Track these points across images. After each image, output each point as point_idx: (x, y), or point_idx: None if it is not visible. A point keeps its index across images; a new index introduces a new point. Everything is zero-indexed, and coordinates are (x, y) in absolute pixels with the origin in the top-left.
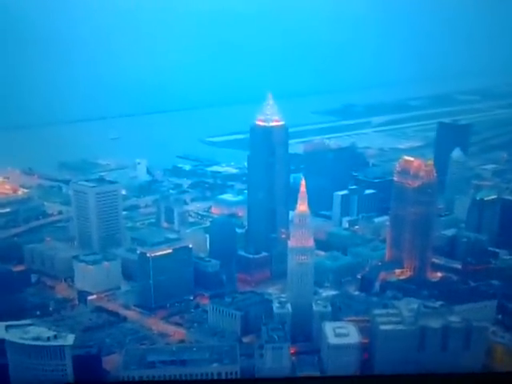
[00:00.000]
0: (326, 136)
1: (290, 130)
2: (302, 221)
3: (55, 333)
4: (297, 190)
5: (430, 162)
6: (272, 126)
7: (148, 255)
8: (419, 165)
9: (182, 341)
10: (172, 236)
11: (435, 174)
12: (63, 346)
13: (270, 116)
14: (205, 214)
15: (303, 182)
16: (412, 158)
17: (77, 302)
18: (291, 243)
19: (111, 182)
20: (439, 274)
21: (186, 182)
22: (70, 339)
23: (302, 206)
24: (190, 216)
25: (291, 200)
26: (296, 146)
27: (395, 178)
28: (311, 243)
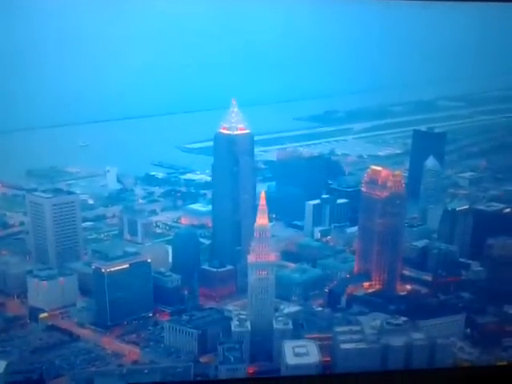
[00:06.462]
0: (305, 143)
1: (270, 136)
2: (261, 234)
3: None
4: (271, 200)
5: (398, 173)
6: (236, 135)
7: (103, 270)
8: (387, 175)
9: (136, 361)
10: (131, 250)
11: (404, 185)
12: None
13: (235, 124)
14: (173, 224)
15: (263, 195)
16: (380, 168)
17: (28, 321)
18: (251, 258)
19: (69, 193)
20: (408, 287)
21: (158, 191)
22: (1, 366)
23: (262, 220)
24: (158, 227)
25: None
26: (274, 153)
27: (363, 189)
28: (272, 258)
